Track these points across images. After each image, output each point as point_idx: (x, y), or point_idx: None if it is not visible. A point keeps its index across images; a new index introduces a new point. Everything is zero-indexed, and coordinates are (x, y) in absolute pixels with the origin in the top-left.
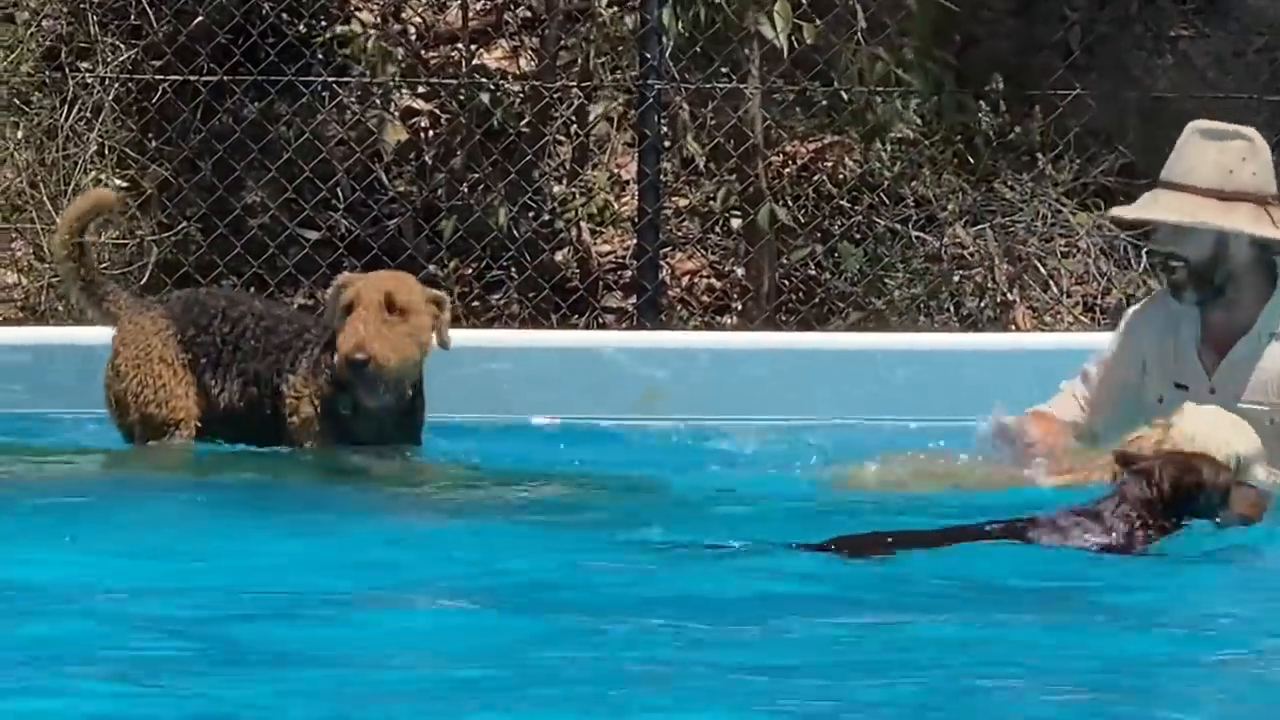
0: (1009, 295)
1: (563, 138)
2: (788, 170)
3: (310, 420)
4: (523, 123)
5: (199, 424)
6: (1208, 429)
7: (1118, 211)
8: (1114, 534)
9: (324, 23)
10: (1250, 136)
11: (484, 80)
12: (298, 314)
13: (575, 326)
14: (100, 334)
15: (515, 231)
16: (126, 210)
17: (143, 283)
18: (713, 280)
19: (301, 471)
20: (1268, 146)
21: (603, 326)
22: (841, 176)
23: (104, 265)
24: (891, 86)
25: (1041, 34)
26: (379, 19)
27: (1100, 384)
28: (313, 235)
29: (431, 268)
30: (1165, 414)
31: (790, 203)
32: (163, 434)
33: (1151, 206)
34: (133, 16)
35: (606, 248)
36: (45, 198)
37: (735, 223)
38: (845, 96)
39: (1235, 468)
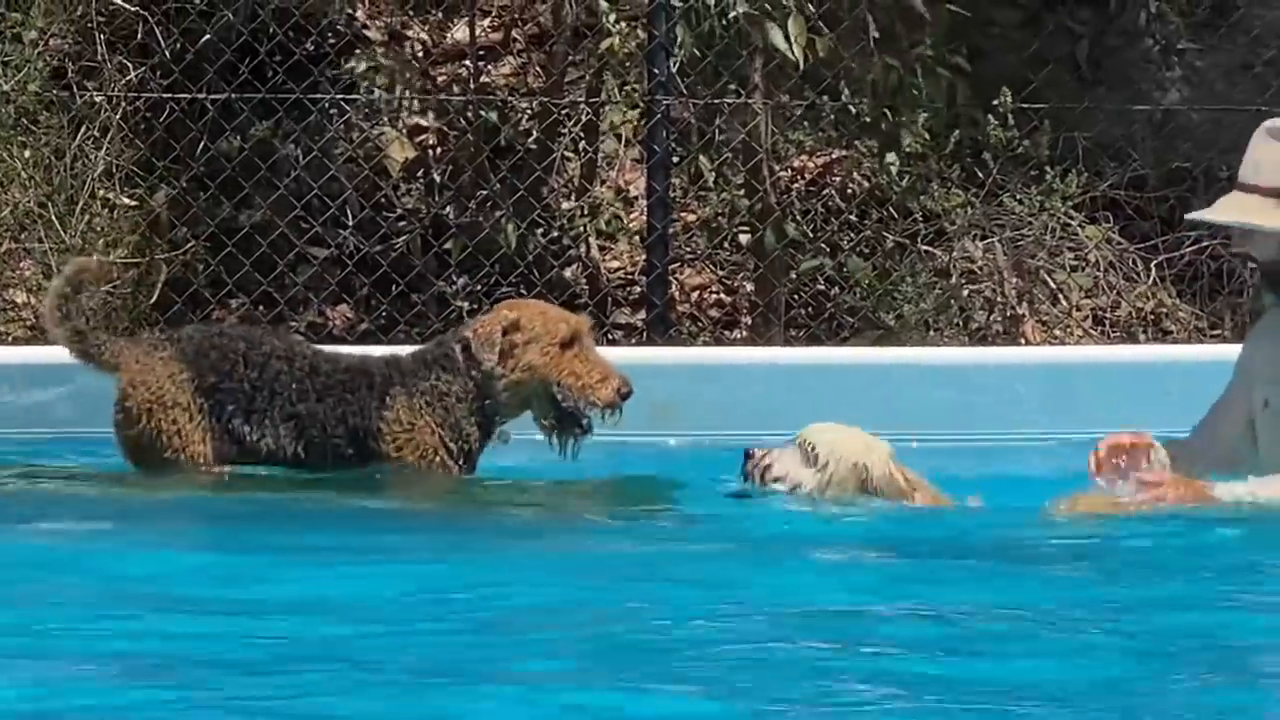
0: (1018, 309)
1: (571, 154)
2: (796, 185)
3: (433, 450)
4: (531, 139)
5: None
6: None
7: (1189, 215)
8: None
9: (331, 41)
10: None
11: (492, 97)
12: (329, 351)
13: None
14: None
15: (524, 248)
16: (117, 264)
17: (152, 301)
18: (722, 295)
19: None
20: None
21: (612, 343)
22: (850, 191)
23: (114, 284)
24: (903, 99)
25: (1050, 48)
26: (386, 37)
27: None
28: (321, 253)
29: (440, 285)
30: (1272, 418)
31: (799, 217)
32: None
33: (1216, 208)
34: (140, 35)
35: (615, 264)
36: (54, 217)
37: (744, 238)
38: (853, 110)
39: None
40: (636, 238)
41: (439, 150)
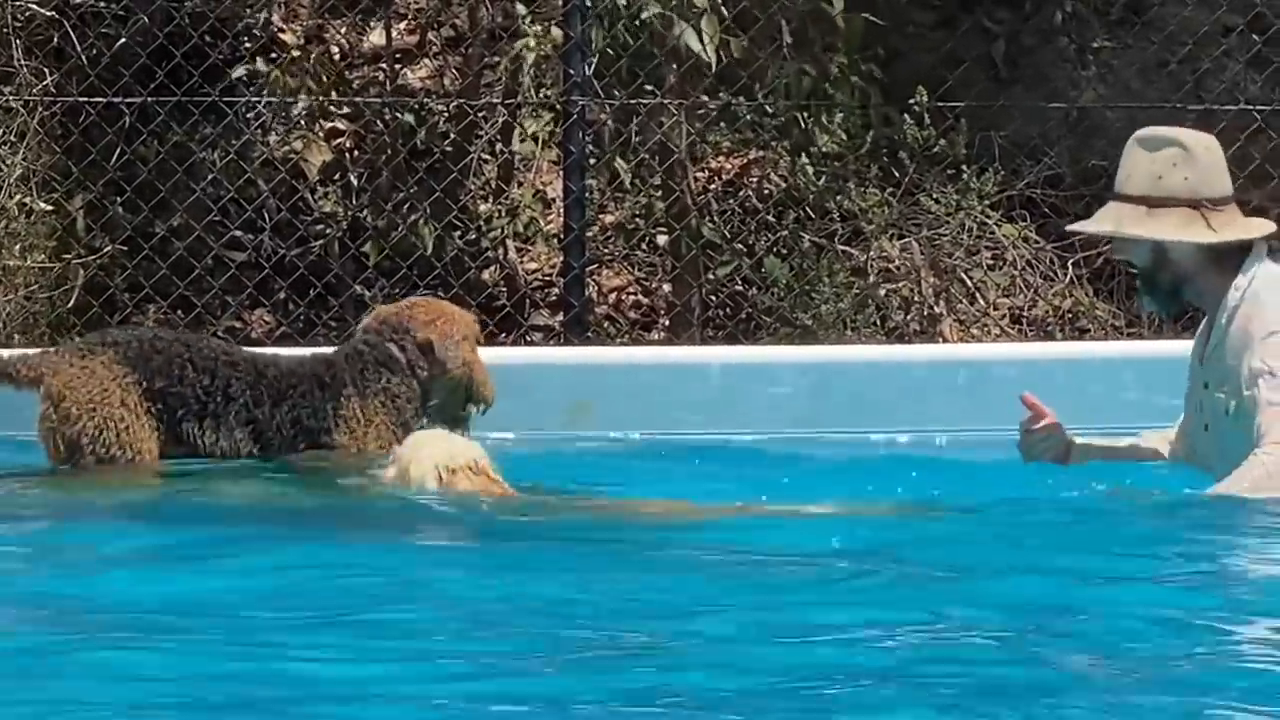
0: (935, 308)
1: (488, 156)
2: (713, 186)
3: (389, 444)
4: (447, 142)
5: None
6: (411, 449)
7: (1069, 227)
8: None
9: (247, 45)
10: (1186, 142)
11: (408, 99)
12: (272, 355)
13: (503, 344)
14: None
15: (442, 250)
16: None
17: (69, 305)
18: (639, 297)
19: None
20: (1210, 150)
21: (530, 344)
22: (767, 191)
23: (31, 288)
24: (816, 100)
25: (966, 47)
26: (302, 40)
27: None
28: (239, 257)
29: (359, 288)
30: (1195, 409)
31: (716, 218)
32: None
33: (1095, 219)
34: (56, 40)
35: (533, 265)
36: None
37: (661, 239)
38: (770, 111)
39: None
40: (554, 239)
41: (356, 153)
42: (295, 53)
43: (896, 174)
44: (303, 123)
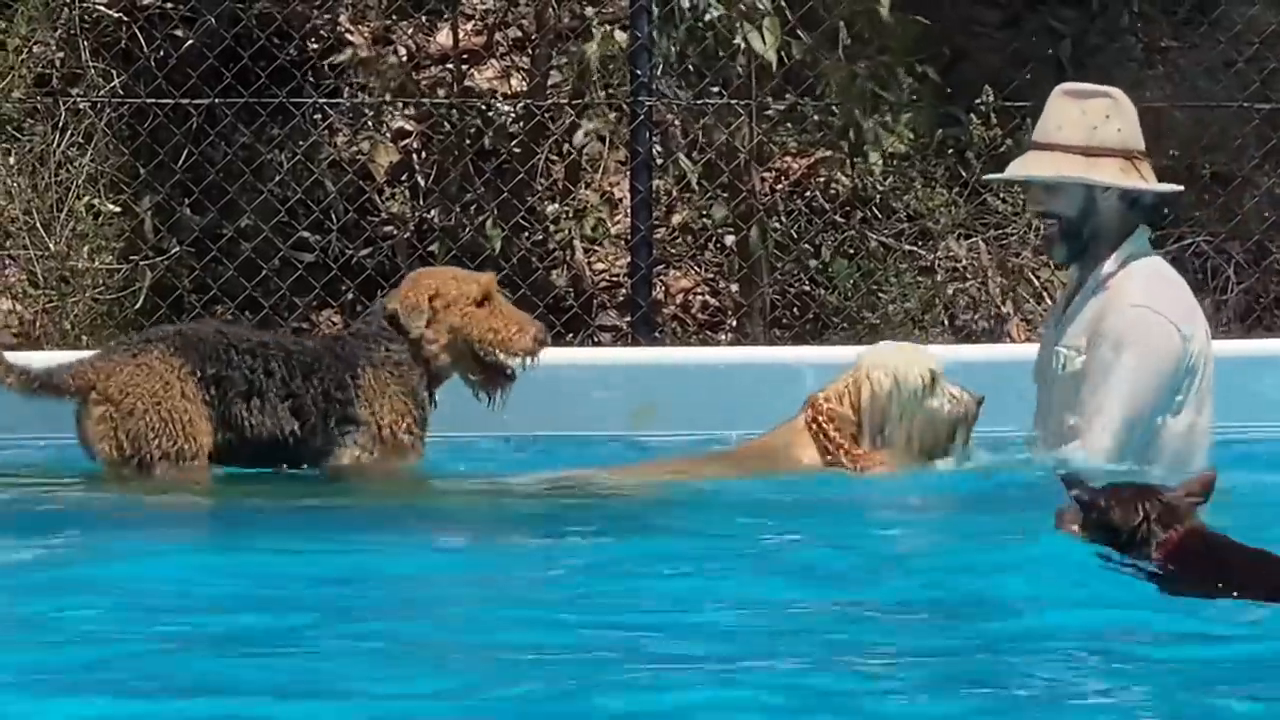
0: (1003, 308)
1: (555, 157)
2: (780, 186)
3: (402, 415)
4: (514, 142)
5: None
6: (882, 357)
7: (990, 175)
8: None
9: (315, 46)
10: (1114, 95)
11: (475, 100)
12: (291, 336)
13: (570, 345)
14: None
15: (509, 251)
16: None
17: (137, 307)
18: (707, 297)
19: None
20: (1132, 106)
21: (597, 344)
22: (834, 191)
23: (99, 290)
24: (878, 101)
25: (1032, 47)
26: (369, 41)
27: None
28: (306, 258)
29: None
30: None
31: (783, 218)
32: (183, 466)
33: (1021, 166)
34: (123, 42)
35: (601, 266)
36: (38, 224)
37: (729, 239)
38: (835, 110)
39: (934, 379)
40: (621, 240)
41: (423, 154)
42: (363, 54)
43: (963, 174)
44: (370, 124)
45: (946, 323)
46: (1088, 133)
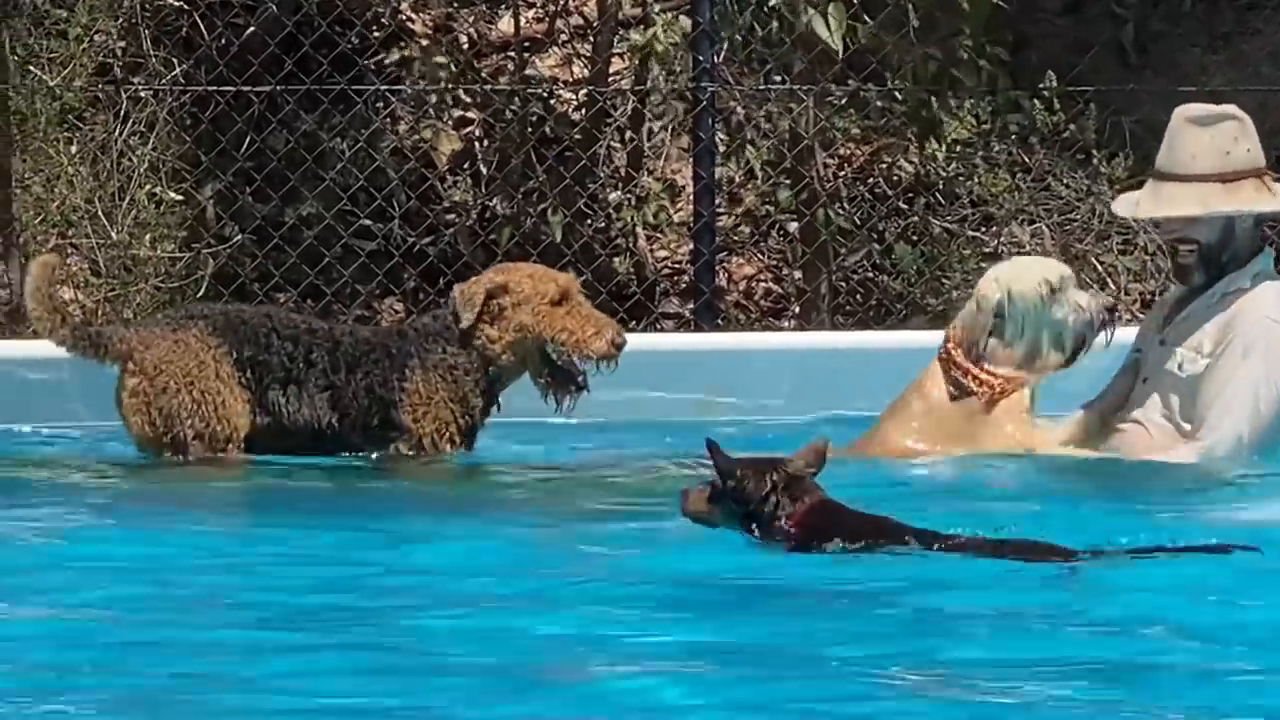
0: None
1: (617, 144)
2: (843, 173)
3: (446, 424)
4: (576, 130)
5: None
6: (997, 270)
7: (1126, 212)
8: None
9: (376, 33)
10: (1238, 115)
11: (537, 88)
12: (349, 325)
13: (633, 331)
14: None
15: (571, 238)
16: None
17: (199, 295)
18: (770, 284)
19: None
20: (1250, 120)
21: (660, 331)
22: (897, 178)
23: (161, 278)
24: (945, 86)
25: (1094, 32)
26: (431, 29)
27: None
28: (368, 246)
29: None
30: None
31: (846, 205)
32: (216, 448)
33: (1159, 201)
34: (185, 30)
35: (663, 253)
36: (100, 213)
37: (792, 226)
38: (899, 97)
39: (1054, 289)
40: (684, 227)
41: (485, 142)
42: (424, 42)
43: (1026, 159)
44: (432, 111)
45: None
46: (1221, 159)
